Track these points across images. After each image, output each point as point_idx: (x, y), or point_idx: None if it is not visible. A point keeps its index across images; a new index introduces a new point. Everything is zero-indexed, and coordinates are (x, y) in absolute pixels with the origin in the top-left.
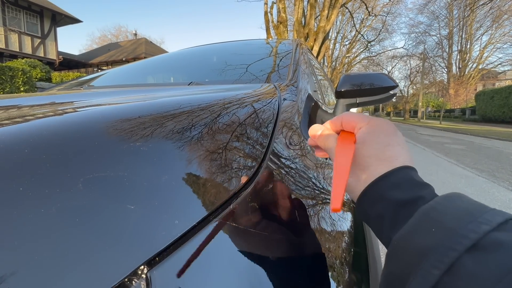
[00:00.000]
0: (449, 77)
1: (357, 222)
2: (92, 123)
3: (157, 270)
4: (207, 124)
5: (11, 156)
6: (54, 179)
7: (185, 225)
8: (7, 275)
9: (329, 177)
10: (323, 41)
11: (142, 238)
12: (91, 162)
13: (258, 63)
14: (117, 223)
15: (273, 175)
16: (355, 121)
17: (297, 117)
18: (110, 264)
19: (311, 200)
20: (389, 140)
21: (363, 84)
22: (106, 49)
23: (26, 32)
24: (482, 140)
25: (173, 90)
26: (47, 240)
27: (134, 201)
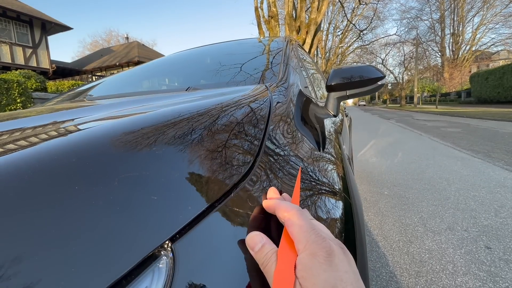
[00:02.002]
0: (443, 61)
1: (347, 209)
2: (106, 138)
3: (179, 244)
4: (203, 130)
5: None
6: (98, 183)
7: (196, 209)
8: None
9: (323, 169)
10: (315, 33)
11: (164, 220)
12: (119, 168)
13: (249, 63)
14: (145, 210)
15: (266, 171)
16: (294, 238)
17: (288, 116)
18: (143, 240)
19: (308, 191)
20: (331, 277)
21: (352, 77)
22: (99, 54)
23: (17, 43)
24: (478, 122)
25: (173, 98)
26: (105, 218)
27: (157, 193)
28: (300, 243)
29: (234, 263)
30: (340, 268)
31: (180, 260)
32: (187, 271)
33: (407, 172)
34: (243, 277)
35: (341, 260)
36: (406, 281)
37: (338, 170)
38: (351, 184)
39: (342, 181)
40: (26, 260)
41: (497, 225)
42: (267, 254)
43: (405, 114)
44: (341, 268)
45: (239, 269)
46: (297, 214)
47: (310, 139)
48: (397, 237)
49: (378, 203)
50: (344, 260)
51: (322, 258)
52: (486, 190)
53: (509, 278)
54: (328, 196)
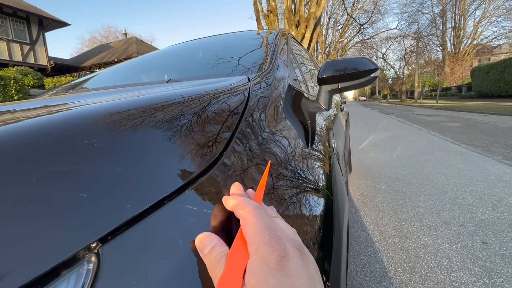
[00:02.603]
0: (444, 55)
1: (328, 207)
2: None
3: (108, 247)
4: (161, 120)
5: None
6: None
7: (137, 208)
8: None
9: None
10: (315, 28)
11: (94, 220)
12: (43, 161)
13: (236, 55)
14: (70, 207)
15: (234, 167)
16: (247, 239)
17: (271, 108)
18: (67, 240)
19: (288, 188)
20: (281, 284)
21: (345, 69)
22: (97, 51)
23: (15, 40)
24: (478, 116)
25: (149, 89)
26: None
27: (89, 189)
28: (253, 244)
29: (183, 268)
30: (293, 273)
31: (106, 265)
32: (116, 278)
33: (405, 167)
34: (194, 284)
35: (295, 264)
36: (400, 276)
37: (324, 167)
38: (336, 181)
39: (326, 178)
40: None
41: (494, 220)
42: (216, 257)
43: (405, 109)
44: (294, 273)
45: (189, 275)
46: (252, 211)
47: (297, 134)
48: (393, 232)
49: (375, 198)
50: (299, 264)
51: (273, 262)
52: (484, 184)
53: (504, 273)
54: (310, 193)
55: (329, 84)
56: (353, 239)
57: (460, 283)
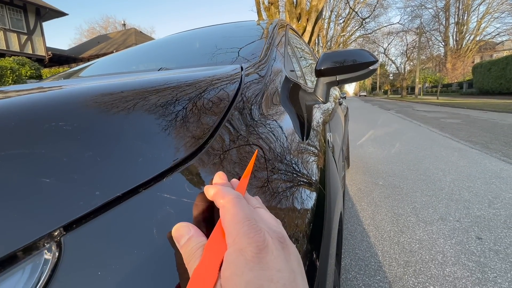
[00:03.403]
0: (446, 51)
1: (319, 199)
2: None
3: (72, 236)
4: (151, 105)
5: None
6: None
7: (106, 195)
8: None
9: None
10: (316, 21)
11: (60, 206)
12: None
13: (231, 45)
14: (34, 191)
15: (220, 156)
16: (225, 229)
17: (263, 99)
18: (25, 226)
19: (279, 181)
20: (258, 278)
21: (343, 61)
22: (96, 42)
23: (11, 29)
24: (478, 113)
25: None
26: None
27: (55, 173)
28: (230, 235)
29: (157, 259)
30: (272, 266)
31: (69, 255)
32: (79, 270)
33: (403, 163)
34: (169, 276)
35: (275, 256)
36: (394, 270)
37: (318, 161)
38: (330, 176)
39: (320, 172)
40: None
41: (490, 216)
42: (192, 248)
43: (406, 105)
44: (273, 266)
45: (163, 266)
46: (232, 201)
47: (291, 126)
48: (388, 227)
49: (372, 193)
50: (280, 257)
51: (250, 255)
52: (481, 181)
53: (497, 268)
54: (302, 186)
55: (327, 76)
56: (348, 233)
57: (454, 277)
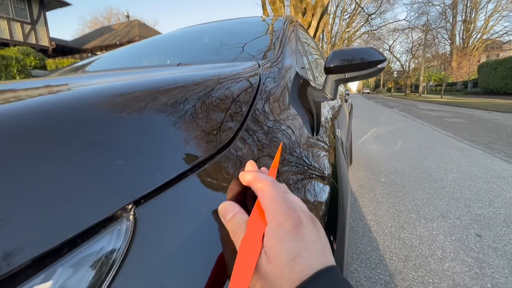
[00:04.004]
0: (452, 49)
1: (333, 194)
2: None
3: (143, 208)
4: (184, 99)
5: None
6: (66, 142)
7: (165, 176)
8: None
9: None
10: (322, 16)
11: (129, 184)
12: (86, 129)
13: (245, 41)
14: (109, 172)
15: (248, 146)
16: (265, 208)
17: (279, 94)
18: (105, 201)
19: (296, 173)
20: (296, 246)
21: (352, 59)
22: (99, 33)
23: (15, 18)
24: (482, 113)
25: (162, 71)
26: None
27: (124, 157)
28: (270, 213)
29: (206, 231)
30: (307, 238)
31: (142, 224)
32: (149, 236)
33: (406, 161)
34: (216, 246)
35: (309, 230)
36: (395, 264)
37: (330, 156)
38: (341, 170)
39: (332, 167)
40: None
41: (490, 214)
42: (237, 223)
43: (409, 103)
44: (308, 238)
45: (212, 238)
46: (270, 185)
47: (303, 121)
48: (389, 222)
49: (374, 190)
50: (313, 231)
51: (289, 228)
52: (483, 180)
53: (495, 264)
54: (317, 180)
55: (336, 74)
56: (350, 228)
57: (453, 272)
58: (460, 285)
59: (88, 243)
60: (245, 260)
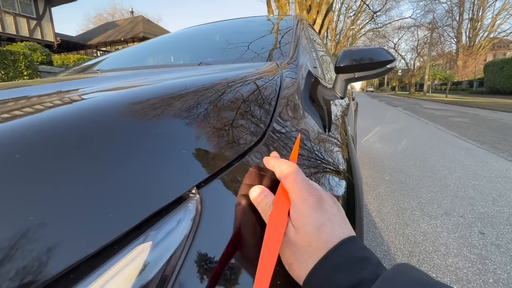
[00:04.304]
0: (458, 48)
1: (349, 189)
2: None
3: (204, 190)
4: (218, 100)
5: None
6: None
7: (216, 165)
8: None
9: (328, 149)
10: (327, 13)
11: (192, 171)
12: (151, 126)
13: (261, 41)
14: (177, 161)
15: (275, 141)
16: (288, 187)
17: (297, 93)
18: (178, 184)
19: (312, 168)
20: (321, 217)
21: (362, 59)
22: (104, 29)
23: (21, 14)
24: (488, 113)
25: (185, 71)
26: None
27: (187, 148)
28: (293, 192)
29: (248, 210)
30: (329, 211)
31: (205, 202)
32: (211, 211)
33: (410, 159)
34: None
35: (330, 206)
36: (399, 259)
37: (343, 152)
38: (355, 166)
39: (346, 162)
40: (73, 197)
41: (494, 213)
42: (267, 203)
43: (413, 102)
44: (330, 211)
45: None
46: (292, 167)
47: (317, 119)
48: (394, 219)
49: (379, 188)
50: (334, 206)
51: (313, 202)
52: (487, 179)
53: (498, 261)
54: (334, 175)
55: (346, 73)
56: None
57: (456, 267)
58: (463, 280)
59: (169, 216)
60: (274, 232)
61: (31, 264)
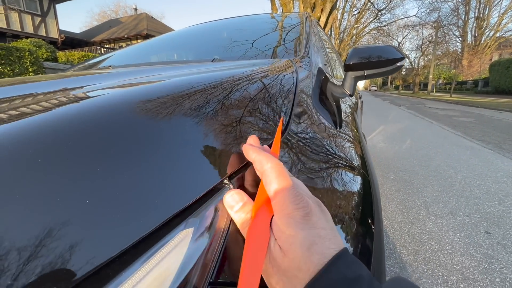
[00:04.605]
0: (463, 47)
1: (365, 185)
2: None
3: (235, 181)
4: (237, 95)
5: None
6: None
7: (242, 160)
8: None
9: (339, 144)
10: (331, 11)
11: (224, 164)
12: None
13: (271, 38)
14: (211, 157)
15: (291, 140)
16: (271, 195)
17: (311, 89)
18: (211, 175)
19: (324, 164)
20: (309, 235)
21: (371, 57)
22: (107, 26)
23: (26, 10)
24: (493, 113)
25: (200, 67)
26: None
27: (221, 144)
28: (277, 202)
29: None
30: (318, 226)
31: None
32: None
33: (414, 159)
34: None
35: (318, 217)
36: (404, 257)
37: (356, 148)
38: (369, 162)
39: (360, 159)
40: (119, 183)
41: (500, 213)
42: (246, 213)
43: (417, 102)
44: (318, 225)
45: None
46: (276, 168)
47: (328, 116)
48: (399, 218)
49: (383, 187)
50: (322, 218)
51: (299, 217)
52: (493, 179)
53: (504, 260)
54: (347, 170)
55: (355, 71)
56: None
57: (462, 266)
58: (469, 279)
59: (203, 207)
60: (255, 250)
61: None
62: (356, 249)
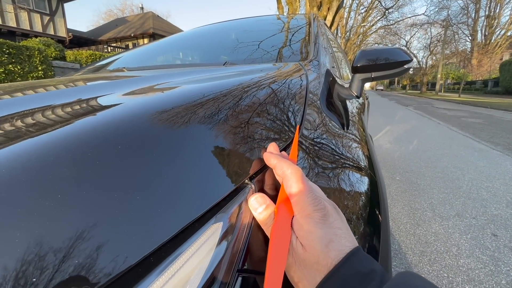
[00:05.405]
0: (473, 46)
1: (373, 185)
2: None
3: (253, 180)
4: (255, 102)
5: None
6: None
7: (260, 163)
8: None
9: (347, 145)
10: (337, 10)
11: (246, 166)
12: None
13: (280, 40)
14: (235, 159)
15: (305, 141)
16: (292, 198)
17: (319, 92)
18: (235, 175)
19: (333, 164)
20: (327, 234)
21: (379, 59)
22: (114, 24)
23: (35, 9)
24: (503, 114)
25: (213, 71)
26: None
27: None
28: (298, 204)
29: None
30: (334, 226)
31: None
32: None
33: (421, 160)
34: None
35: (335, 218)
36: (410, 258)
37: (363, 149)
38: (376, 163)
39: (367, 159)
40: (151, 183)
41: (507, 215)
42: (269, 215)
43: (425, 102)
44: (335, 225)
45: None
46: (297, 173)
47: (336, 117)
48: (405, 219)
49: (389, 187)
50: (338, 219)
51: (318, 218)
52: (501, 182)
53: (511, 263)
54: (354, 171)
55: (363, 73)
56: None
57: (467, 268)
58: (474, 281)
59: (237, 196)
60: (279, 247)
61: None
62: (363, 247)
